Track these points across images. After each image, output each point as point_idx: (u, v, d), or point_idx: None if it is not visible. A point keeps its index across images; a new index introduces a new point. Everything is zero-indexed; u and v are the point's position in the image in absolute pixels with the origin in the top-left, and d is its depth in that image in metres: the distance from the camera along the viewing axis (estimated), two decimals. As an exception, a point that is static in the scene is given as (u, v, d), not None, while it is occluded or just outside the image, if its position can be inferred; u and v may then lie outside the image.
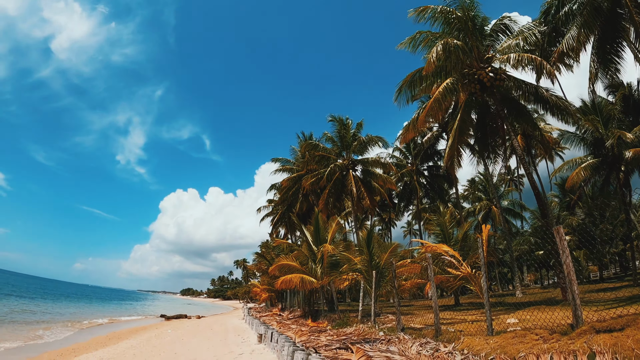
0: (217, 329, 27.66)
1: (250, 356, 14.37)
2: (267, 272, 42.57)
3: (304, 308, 30.03)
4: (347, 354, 10.28)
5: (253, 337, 20.39)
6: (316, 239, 23.37)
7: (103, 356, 17.19)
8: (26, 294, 73.37)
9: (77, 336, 25.62)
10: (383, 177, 35.14)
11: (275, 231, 50.87)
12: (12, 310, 36.28)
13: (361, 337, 13.22)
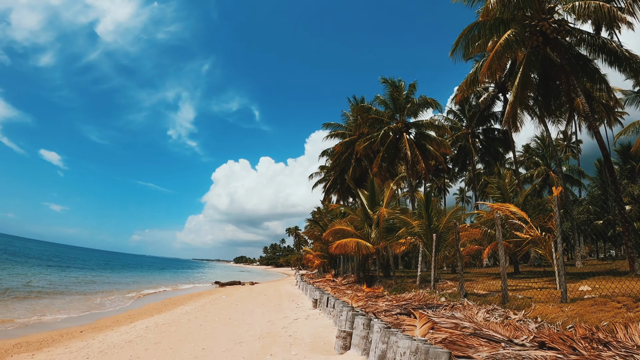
0: (271, 294, 27.68)
1: (305, 321, 14.03)
2: (320, 238, 42.38)
3: (358, 274, 29.63)
4: (409, 320, 9.70)
5: (307, 302, 20.13)
6: (371, 203, 22.76)
7: (158, 321, 17.28)
8: (86, 265, 76.26)
9: (133, 304, 26.14)
10: (438, 141, 33.97)
11: (327, 198, 50.47)
12: (72, 282, 37.52)
13: (421, 302, 12.60)
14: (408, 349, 5.98)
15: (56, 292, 27.03)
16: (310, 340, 10.51)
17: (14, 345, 12.87)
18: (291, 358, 8.75)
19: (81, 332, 15.43)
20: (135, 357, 10.37)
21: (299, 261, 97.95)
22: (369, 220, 22.44)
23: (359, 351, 8.48)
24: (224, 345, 10.90)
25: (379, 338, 7.22)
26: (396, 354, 6.35)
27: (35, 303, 21.49)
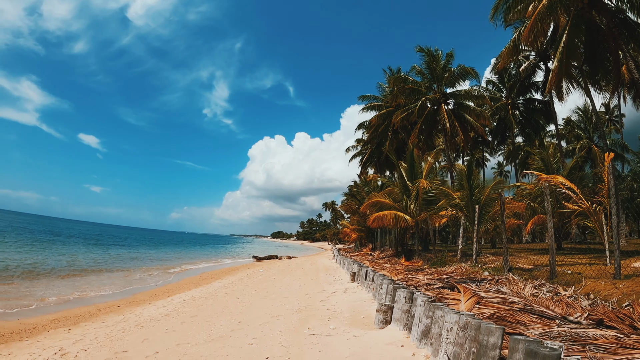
0: (308, 268, 27.60)
1: (343, 294, 13.76)
2: (357, 211, 42.05)
3: (396, 248, 29.22)
4: (453, 294, 9.27)
5: (345, 276, 19.88)
6: (410, 175, 22.17)
7: (195, 295, 17.31)
8: (127, 243, 78.09)
9: (171, 278, 26.42)
10: (477, 111, 32.84)
11: (364, 172, 49.90)
12: (113, 259, 38.31)
13: (464, 276, 12.13)
14: (456, 324, 5.58)
15: (98, 269, 27.50)
16: (349, 314, 10.21)
17: (52, 320, 13.00)
18: (330, 332, 8.47)
19: (119, 307, 15.54)
20: (171, 331, 10.27)
21: (336, 235, 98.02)
22: (407, 193, 21.88)
23: (400, 326, 8.12)
24: (261, 319, 10.71)
25: (423, 312, 6.83)
26: (442, 329, 5.95)
27: (77, 280, 21.87)
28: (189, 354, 7.82)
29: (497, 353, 4.76)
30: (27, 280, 19.99)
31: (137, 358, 7.95)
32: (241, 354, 7.52)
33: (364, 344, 7.23)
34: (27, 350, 9.43)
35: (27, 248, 38.35)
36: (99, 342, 9.64)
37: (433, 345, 6.20)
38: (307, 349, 7.36)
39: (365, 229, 42.71)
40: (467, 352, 5.14)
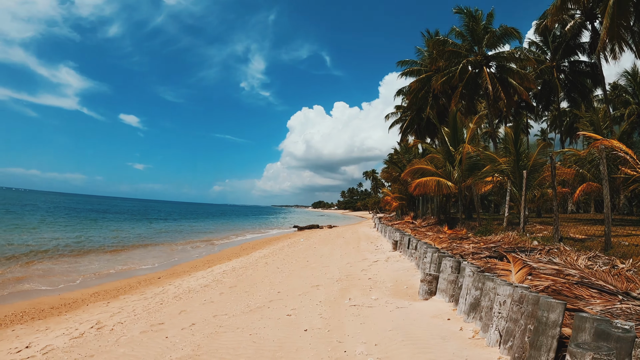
0: (349, 237, 27.26)
1: (385, 263, 13.36)
2: (398, 179, 41.39)
3: (439, 216, 28.59)
4: (502, 264, 8.72)
5: (386, 244, 19.48)
6: (453, 140, 21.33)
7: (235, 266, 17.24)
8: (171, 217, 79.67)
9: (212, 249, 26.60)
10: (521, 74, 31.24)
11: (404, 139, 48.87)
12: (157, 232, 39.02)
13: (512, 245, 11.51)
14: (509, 297, 5.09)
15: (141, 243, 27.92)
16: (392, 284, 9.81)
17: (92, 294, 13.09)
18: (371, 303, 8.10)
19: (159, 279, 15.59)
20: (209, 302, 10.11)
21: (376, 204, 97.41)
22: (450, 158, 21.09)
23: (446, 297, 7.67)
24: (300, 289, 10.44)
25: (472, 283, 6.36)
26: (493, 302, 5.47)
27: (120, 255, 22.24)
28: (225, 326, 7.60)
29: (557, 332, 4.26)
30: (73, 256, 20.34)
31: (172, 330, 7.79)
32: (279, 325, 7.24)
33: (408, 316, 6.83)
34: (65, 325, 9.43)
35: (74, 226, 39.32)
36: (136, 315, 9.58)
37: (482, 319, 5.74)
38: (348, 321, 7.02)
39: (407, 197, 42.07)
40: (523, 329, 4.66)
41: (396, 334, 5.92)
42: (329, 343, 6.05)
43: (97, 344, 7.46)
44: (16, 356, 7.43)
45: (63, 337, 8.24)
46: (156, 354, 6.47)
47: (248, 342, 6.51)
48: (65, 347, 7.53)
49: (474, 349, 5.20)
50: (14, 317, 10.46)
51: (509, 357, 4.80)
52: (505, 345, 4.93)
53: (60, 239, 27.24)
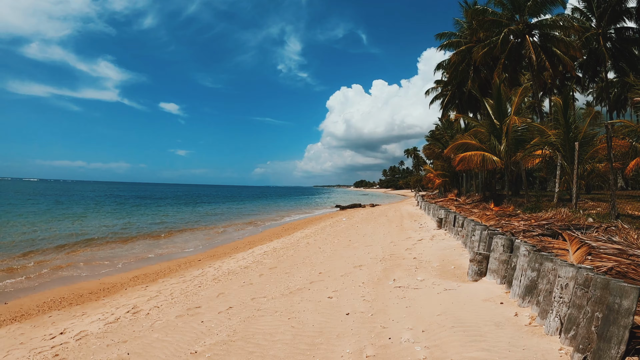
0: (392, 216, 26.71)
1: (430, 242, 12.82)
2: (440, 156, 40.51)
3: (483, 192, 27.72)
4: (557, 243, 8.06)
5: (431, 222, 18.89)
6: (497, 113, 20.31)
7: (276, 246, 17.03)
8: (213, 200, 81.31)
9: (253, 230, 26.68)
10: (565, 42, 29.55)
11: (446, 114, 47.52)
12: (200, 216, 39.61)
13: (564, 223, 10.75)
14: (572, 279, 4.54)
15: (184, 227, 28.32)
16: (438, 264, 9.30)
17: (132, 278, 13.14)
18: (417, 284, 7.64)
19: (199, 261, 15.54)
20: (248, 284, 9.87)
21: (419, 182, 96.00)
22: (495, 132, 20.10)
23: (497, 278, 7.14)
24: (342, 269, 10.06)
25: (527, 263, 5.80)
26: (553, 285, 4.93)
27: (162, 238, 22.54)
28: (263, 309, 7.31)
29: (629, 321, 3.71)
30: (117, 242, 20.66)
31: (209, 314, 7.56)
32: (319, 309, 6.89)
33: (457, 299, 6.35)
34: (101, 310, 9.42)
35: (119, 213, 40.26)
36: (173, 299, 9.48)
37: (540, 304, 5.19)
38: (392, 304, 6.61)
39: (450, 173, 41.16)
40: (589, 316, 4.12)
41: (445, 319, 5.46)
42: (372, 329, 5.66)
43: (131, 329, 7.34)
44: (50, 342, 7.38)
45: (98, 323, 8.20)
46: (190, 340, 6.25)
47: (286, 326, 6.19)
48: (99, 332, 7.44)
49: (532, 338, 4.69)
50: (52, 304, 10.54)
51: (572, 348, 4.26)
52: (567, 334, 4.40)
53: (105, 226, 27.92)
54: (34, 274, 13.76)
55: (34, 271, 14.21)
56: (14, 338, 8.03)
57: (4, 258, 16.27)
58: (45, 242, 20.24)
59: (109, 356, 6.14)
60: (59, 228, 25.98)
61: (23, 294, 11.59)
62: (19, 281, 12.91)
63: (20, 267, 14.82)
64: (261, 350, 5.46)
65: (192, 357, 5.57)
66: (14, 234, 22.34)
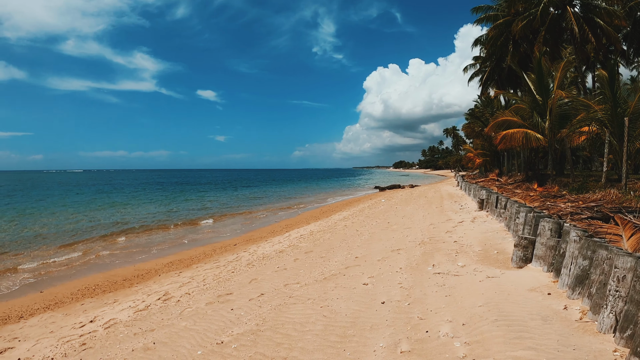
0: (431, 196, 26.02)
1: (471, 224, 12.26)
2: (480, 134, 39.35)
3: (526, 172, 26.69)
4: (609, 227, 7.44)
5: (471, 203, 18.23)
6: (539, 88, 19.22)
7: (313, 229, 16.75)
8: (253, 183, 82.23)
9: (291, 214, 26.61)
10: (609, 11, 27.90)
11: (485, 91, 45.97)
12: (240, 200, 40.16)
13: (615, 205, 10.01)
14: (631, 271, 4.02)
15: (223, 212, 28.43)
16: (480, 249, 8.80)
17: (167, 264, 13.14)
18: (458, 270, 7.20)
19: (235, 246, 15.43)
20: (282, 269, 9.62)
21: (458, 162, 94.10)
22: (538, 108, 19.01)
23: (543, 266, 6.62)
24: (380, 253, 9.69)
25: (578, 250, 5.28)
26: (608, 276, 4.43)
27: (201, 224, 22.67)
28: (295, 296, 7.03)
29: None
30: (155, 228, 20.99)
31: (239, 301, 7.36)
32: (354, 296, 6.55)
33: (501, 288, 5.88)
34: (133, 297, 9.39)
35: (160, 200, 40.93)
36: (205, 285, 9.35)
37: (592, 297, 4.68)
38: (431, 292, 6.20)
39: (490, 153, 39.98)
40: (651, 314, 3.63)
41: (487, 311, 5.02)
42: (408, 320, 5.28)
43: (159, 317, 7.23)
44: (79, 331, 7.36)
45: (128, 310, 8.14)
46: (217, 329, 6.06)
47: (318, 315, 5.89)
48: (128, 320, 7.38)
49: (583, 336, 4.21)
50: (86, 291, 10.60)
51: (628, 349, 3.76)
52: (623, 333, 3.89)
53: (146, 213, 28.47)
54: (70, 263, 14.01)
55: (71, 260, 14.48)
56: (45, 327, 8.08)
57: (44, 248, 16.64)
58: (84, 231, 20.69)
59: (134, 345, 6.02)
60: (100, 217, 26.59)
61: (59, 282, 11.76)
62: (56, 270, 13.13)
63: (59, 256, 15.07)
64: (290, 341, 5.17)
65: (218, 348, 5.35)
66: (56, 225, 22.85)
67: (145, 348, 5.84)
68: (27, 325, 8.28)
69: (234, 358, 5.02)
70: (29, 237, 19.11)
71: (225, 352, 5.19)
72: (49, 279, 12.06)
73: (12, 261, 14.37)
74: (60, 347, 6.72)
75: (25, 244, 17.52)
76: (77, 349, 6.47)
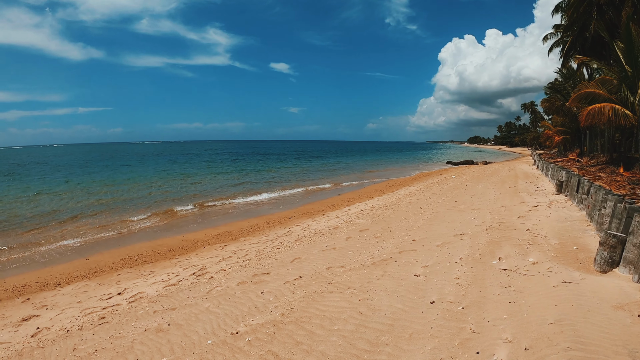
0: (505, 175, 24.04)
1: (548, 210, 10.66)
2: (561, 109, 36.27)
3: (610, 154, 24.08)
4: None
5: (549, 185, 16.38)
6: (628, 57, 16.67)
7: (375, 204, 15.66)
8: (324, 155, 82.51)
9: (356, 186, 25.75)
10: None
11: (566, 63, 42.15)
12: (305, 171, 39.91)
13: None
14: None
15: (292, 184, 28.04)
16: (556, 242, 7.35)
17: (215, 235, 12.62)
18: (528, 268, 5.91)
19: (290, 219, 14.70)
20: (330, 248, 8.71)
21: (536, 140, 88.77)
22: (626, 81, 16.57)
23: (634, 274, 5.18)
24: (440, 237, 8.49)
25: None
26: None
27: (261, 193, 22.24)
28: (334, 283, 6.13)
29: None
30: (218, 198, 20.58)
31: (274, 283, 6.61)
32: (400, 290, 5.51)
33: (579, 300, 4.56)
34: (169, 270, 8.95)
35: (230, 171, 41.01)
36: (245, 261, 8.68)
37: None
38: (492, 295, 5.03)
39: (571, 130, 36.78)
40: None
41: (560, 333, 3.78)
42: (458, 331, 4.18)
43: (186, 295, 6.67)
44: (104, 303, 6.98)
45: (159, 284, 7.65)
46: (239, 315, 5.35)
47: (353, 311, 4.94)
48: (155, 296, 6.88)
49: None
50: (127, 260, 10.34)
51: None
52: None
53: (211, 184, 28.74)
54: (124, 230, 13.99)
55: (125, 227, 14.48)
56: (76, 296, 7.78)
57: (105, 214, 16.91)
58: (144, 200, 20.90)
59: (149, 325, 5.52)
60: (168, 187, 26.88)
61: (106, 249, 11.67)
62: (109, 237, 13.14)
63: (117, 223, 15.19)
64: (311, 341, 4.28)
65: (231, 339, 4.63)
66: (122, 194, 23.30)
67: (158, 329, 5.27)
68: (60, 294, 8.05)
69: (243, 354, 4.25)
70: (94, 205, 19.61)
71: (236, 346, 4.45)
72: (99, 246, 12.04)
73: (72, 228, 14.51)
74: (81, 318, 6.29)
75: (91, 210, 17.99)
76: (95, 322, 6.03)
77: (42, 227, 14.54)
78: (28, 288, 8.57)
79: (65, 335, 5.69)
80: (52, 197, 22.34)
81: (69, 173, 39.60)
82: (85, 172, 40.02)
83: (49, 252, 11.48)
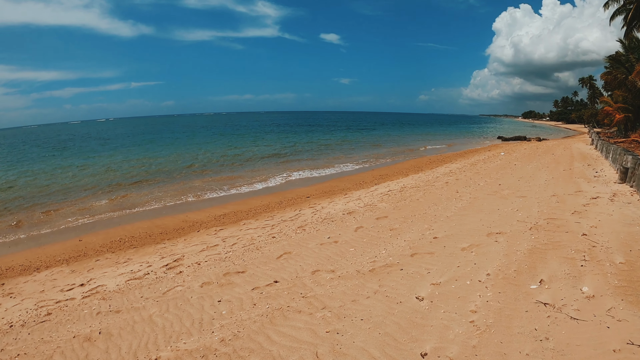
0: (559, 154, 21.14)
1: (610, 205, 8.18)
2: (624, 84, 32.40)
3: (683, 135, 20.91)
4: None
5: (609, 170, 13.67)
6: None
7: (406, 184, 13.66)
8: (374, 126, 79.99)
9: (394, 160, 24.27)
10: None
11: (630, 34, 37.48)
12: (351, 142, 39.04)
13: None
14: None
15: (322, 157, 26.96)
16: (622, 260, 5.07)
17: (217, 216, 11.68)
18: (579, 305, 3.90)
19: (307, 198, 13.27)
20: (331, 242, 7.11)
21: (593, 117, 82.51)
22: None
23: None
24: (470, 235, 6.56)
25: None
26: None
27: (287, 170, 20.80)
28: (310, 297, 4.62)
29: None
30: (233, 178, 19.10)
31: (240, 288, 5.38)
32: (387, 323, 3.82)
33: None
34: (147, 258, 7.90)
35: (273, 143, 39.67)
36: (227, 253, 7.38)
37: None
38: (516, 355, 3.14)
39: (634, 108, 32.91)
40: None
41: None
42: None
43: (140, 294, 5.76)
44: (60, 295, 6.30)
45: (124, 277, 6.78)
46: (172, 333, 4.29)
47: (308, 351, 3.33)
48: (111, 292, 6.10)
49: None
50: (114, 244, 9.53)
51: None
52: None
53: (253, 153, 28.55)
54: (128, 207, 13.37)
55: (129, 203, 13.96)
56: (43, 284, 7.05)
57: (115, 188, 16.76)
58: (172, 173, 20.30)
59: (82, 330, 4.79)
60: (204, 159, 26.48)
61: (105, 228, 10.95)
62: (110, 215, 12.45)
63: (123, 197, 14.84)
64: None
65: None
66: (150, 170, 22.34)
67: (86, 338, 4.54)
68: (32, 280, 7.38)
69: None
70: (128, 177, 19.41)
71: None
72: (98, 225, 11.39)
73: (78, 206, 13.88)
74: (31, 312, 5.68)
75: (114, 186, 17.53)
76: (39, 319, 5.36)
77: (64, 202, 14.17)
78: (10, 272, 7.97)
79: (6, 331, 5.08)
80: (81, 171, 22.29)
81: (112, 147, 40.50)
82: (131, 143, 41.19)
83: (53, 231, 10.93)
